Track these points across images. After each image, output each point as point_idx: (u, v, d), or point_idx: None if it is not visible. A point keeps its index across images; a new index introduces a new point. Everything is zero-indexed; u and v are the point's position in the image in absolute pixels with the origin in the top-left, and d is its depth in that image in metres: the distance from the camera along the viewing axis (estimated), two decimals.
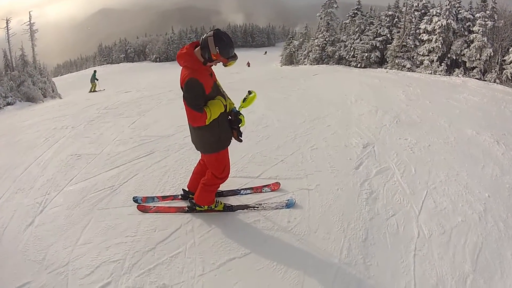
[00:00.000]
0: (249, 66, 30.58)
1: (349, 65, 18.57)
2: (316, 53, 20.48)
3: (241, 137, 2.93)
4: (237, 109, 2.89)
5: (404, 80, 11.65)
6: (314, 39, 21.13)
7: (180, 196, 3.40)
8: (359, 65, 18.06)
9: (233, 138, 2.95)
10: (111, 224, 3.10)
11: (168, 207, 3.29)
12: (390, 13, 18.09)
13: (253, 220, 3.04)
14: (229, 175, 3.06)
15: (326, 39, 20.15)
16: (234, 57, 2.58)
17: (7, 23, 14.23)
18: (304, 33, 25.92)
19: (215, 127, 2.73)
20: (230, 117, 2.88)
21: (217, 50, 2.50)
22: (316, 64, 20.12)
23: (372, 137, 5.07)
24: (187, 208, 3.20)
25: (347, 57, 18.92)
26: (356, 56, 18.35)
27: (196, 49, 2.61)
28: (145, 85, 13.05)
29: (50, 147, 5.05)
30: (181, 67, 2.67)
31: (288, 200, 3.31)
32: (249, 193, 3.48)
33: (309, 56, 21.43)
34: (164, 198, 3.44)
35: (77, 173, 4.14)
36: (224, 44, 2.51)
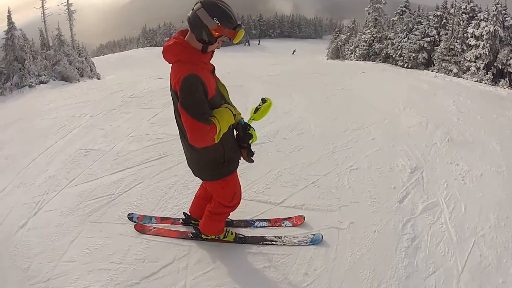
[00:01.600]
0: (294, 53, 30.89)
1: (396, 64, 17.66)
2: (363, 49, 19.45)
3: (252, 157, 2.28)
4: (245, 121, 2.25)
5: (453, 88, 10.45)
6: (362, 35, 20.13)
7: (181, 221, 2.93)
8: (405, 65, 17.14)
9: (241, 158, 2.32)
10: (99, 244, 2.75)
11: (170, 230, 2.83)
12: (438, 13, 16.96)
13: (262, 267, 2.48)
14: (246, 198, 2.57)
15: (374, 36, 19.23)
16: (241, 26, 1.90)
17: (42, 2, 14.62)
18: (351, 28, 24.75)
19: (218, 146, 2.04)
20: (237, 132, 2.27)
21: (217, 22, 1.82)
22: (363, 61, 19.12)
23: (421, 158, 4.30)
24: (191, 235, 2.72)
25: (394, 56, 17.97)
26: (403, 56, 17.43)
27: (187, 36, 1.96)
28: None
29: (63, 138, 4.85)
30: (171, 65, 2.00)
31: (313, 235, 2.76)
32: (264, 226, 2.90)
33: (356, 52, 20.37)
34: (163, 220, 2.98)
35: (80, 172, 3.85)
36: (222, 11, 1.83)
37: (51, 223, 3.09)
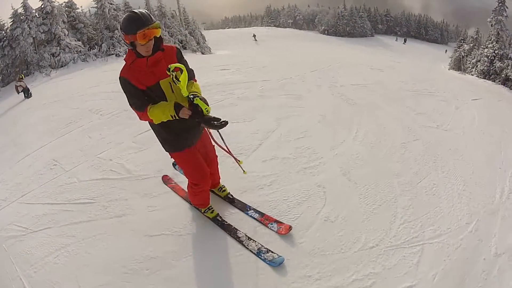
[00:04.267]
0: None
1: None
2: (484, 65, 18.26)
3: (217, 122, 2.42)
4: (195, 95, 2.43)
5: None
6: (484, 48, 19.14)
7: None
8: None
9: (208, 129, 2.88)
10: None
11: (182, 189, 3.53)
12: None
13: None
14: None
15: (495, 52, 18.10)
16: (139, 27, 2.29)
17: None
18: (475, 38, 23.03)
19: (159, 128, 2.68)
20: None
21: (122, 33, 2.37)
22: (483, 78, 17.98)
23: None
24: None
25: None
26: None
27: None
28: (265, 63, 11.30)
29: (60, 137, 5.31)
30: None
31: (278, 257, 2.80)
32: (255, 218, 3.23)
33: (477, 67, 19.05)
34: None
35: (32, 190, 4.10)
36: (124, 23, 2.35)
37: None
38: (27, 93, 11.05)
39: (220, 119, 2.42)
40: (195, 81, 2.65)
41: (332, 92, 6.99)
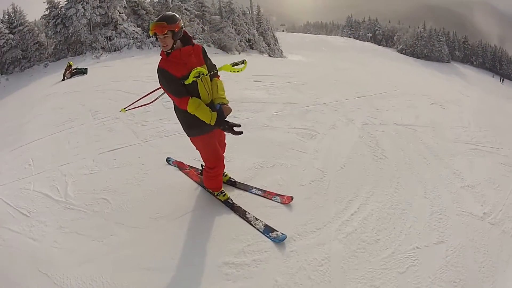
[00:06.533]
0: None
1: None
2: None
3: (236, 128, 2.94)
4: (220, 105, 3.01)
5: None
6: None
7: (200, 171, 3.89)
8: None
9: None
10: None
11: (196, 174, 3.86)
12: None
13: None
14: None
15: None
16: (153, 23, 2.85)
17: None
18: None
19: (185, 112, 3.01)
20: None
21: None
22: None
23: None
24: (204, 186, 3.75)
25: None
26: None
27: None
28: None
29: (47, 136, 5.55)
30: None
31: (282, 235, 3.03)
32: (259, 195, 3.62)
33: None
34: (191, 168, 4.10)
35: (5, 183, 4.36)
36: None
37: None
38: (82, 73, 11.36)
39: (239, 125, 2.94)
40: (218, 77, 3.13)
41: (363, 133, 5.14)
